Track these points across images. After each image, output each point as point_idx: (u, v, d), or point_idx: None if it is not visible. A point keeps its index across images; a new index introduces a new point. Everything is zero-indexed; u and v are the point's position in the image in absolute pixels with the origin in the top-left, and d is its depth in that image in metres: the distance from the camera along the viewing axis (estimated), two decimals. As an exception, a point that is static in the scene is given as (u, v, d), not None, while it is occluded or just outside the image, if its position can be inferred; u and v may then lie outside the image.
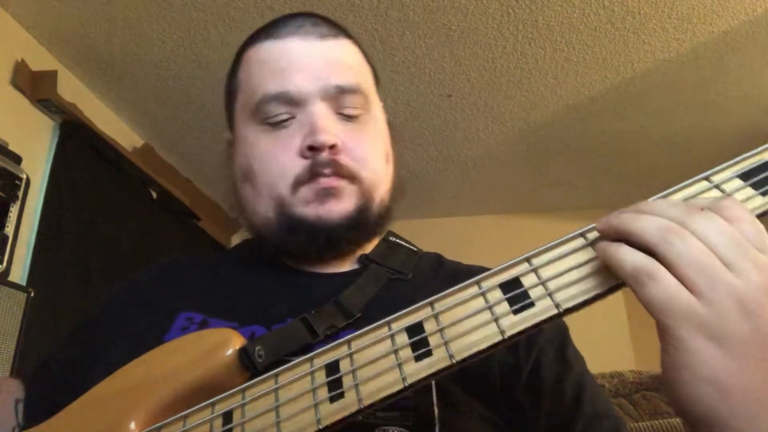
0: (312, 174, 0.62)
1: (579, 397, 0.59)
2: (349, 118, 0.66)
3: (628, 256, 0.36)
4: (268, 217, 0.65)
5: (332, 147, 0.62)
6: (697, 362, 0.34)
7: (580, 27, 2.27)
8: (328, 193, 0.62)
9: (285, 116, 0.64)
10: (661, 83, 2.62)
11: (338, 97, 0.65)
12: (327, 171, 0.62)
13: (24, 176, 2.07)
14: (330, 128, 0.63)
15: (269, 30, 0.69)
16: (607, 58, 2.45)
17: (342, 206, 0.63)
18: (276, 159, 0.64)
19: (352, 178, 0.64)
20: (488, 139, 3.09)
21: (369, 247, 0.70)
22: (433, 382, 0.49)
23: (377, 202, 0.66)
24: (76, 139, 2.37)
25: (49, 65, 2.29)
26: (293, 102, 0.64)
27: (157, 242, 2.84)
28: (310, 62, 0.65)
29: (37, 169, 2.21)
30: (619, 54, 2.43)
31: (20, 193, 2.04)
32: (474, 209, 3.85)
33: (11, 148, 2.04)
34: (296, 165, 0.63)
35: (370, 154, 0.66)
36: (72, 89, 2.41)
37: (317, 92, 0.64)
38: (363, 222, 0.65)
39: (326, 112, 0.64)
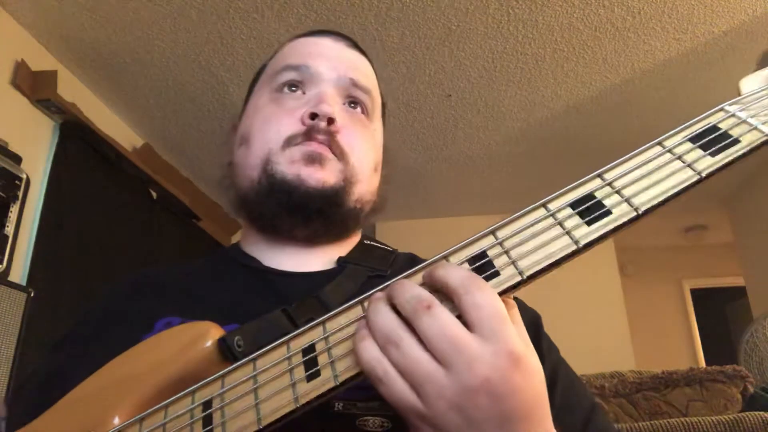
0: (306, 136, 0.65)
1: (550, 391, 0.59)
2: (354, 107, 0.70)
3: (366, 353, 0.40)
4: (252, 178, 0.67)
5: (331, 122, 0.65)
6: None
7: (580, 27, 2.27)
8: (314, 158, 0.64)
9: (296, 85, 0.69)
10: (661, 83, 2.62)
11: (349, 89, 0.70)
12: (321, 138, 0.65)
13: (24, 176, 2.07)
14: (334, 106, 0.67)
15: (307, 32, 0.76)
16: (607, 58, 2.45)
17: (323, 175, 0.64)
18: (277, 120, 0.67)
19: (341, 155, 0.66)
20: (488, 139, 3.09)
21: (344, 250, 0.71)
22: None
23: (354, 196, 0.68)
24: (76, 139, 2.37)
25: (49, 65, 2.29)
26: (308, 77, 0.69)
27: (157, 242, 2.84)
28: (334, 55, 0.72)
29: (37, 169, 2.22)
30: (619, 54, 2.43)
31: (20, 193, 2.05)
32: (474, 209, 3.85)
33: (11, 148, 2.04)
34: (294, 127, 0.66)
35: (362, 148, 0.69)
36: (72, 89, 2.41)
37: (332, 79, 0.69)
38: (337, 203, 0.66)
39: (334, 96, 0.68)
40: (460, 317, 0.39)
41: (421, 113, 2.85)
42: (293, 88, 0.69)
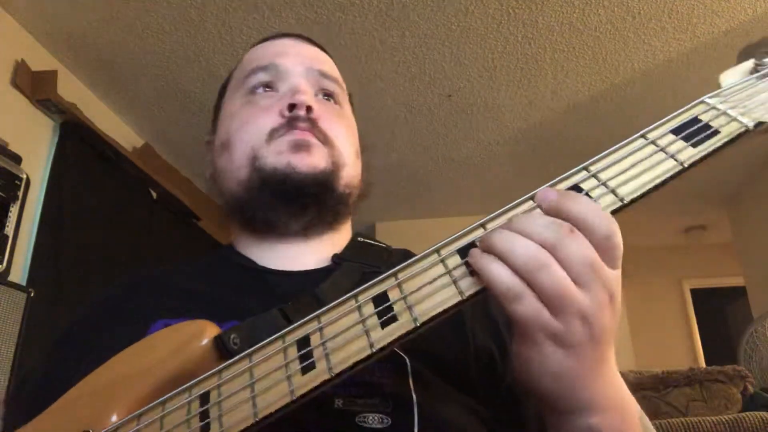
0: (288, 126, 0.66)
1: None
2: (328, 98, 0.72)
3: (502, 276, 0.42)
4: (240, 179, 0.67)
5: (310, 110, 0.66)
6: (544, 361, 0.43)
7: (580, 27, 2.27)
8: (301, 145, 0.65)
9: (268, 85, 0.70)
10: (661, 83, 2.62)
11: (320, 80, 0.72)
12: (303, 125, 0.66)
13: (24, 176, 2.07)
14: (310, 95, 0.68)
15: (264, 38, 0.78)
16: (607, 58, 2.45)
17: (313, 160, 0.65)
18: (255, 119, 0.67)
19: (325, 140, 0.67)
20: (488, 139, 3.09)
21: (338, 245, 0.71)
22: (410, 369, 0.53)
23: (344, 180, 0.68)
24: (76, 139, 2.37)
25: (49, 65, 2.29)
26: (278, 75, 0.70)
27: (157, 242, 2.84)
28: (297, 52, 0.73)
29: (37, 169, 2.21)
30: (619, 54, 2.43)
31: (20, 193, 2.04)
32: (474, 209, 3.84)
33: (11, 148, 2.04)
34: (274, 121, 0.66)
35: (342, 134, 0.70)
36: (72, 89, 2.41)
37: (302, 72, 0.71)
38: (330, 187, 0.66)
39: (307, 85, 0.70)
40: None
41: (421, 113, 2.85)
42: (266, 89, 0.70)
